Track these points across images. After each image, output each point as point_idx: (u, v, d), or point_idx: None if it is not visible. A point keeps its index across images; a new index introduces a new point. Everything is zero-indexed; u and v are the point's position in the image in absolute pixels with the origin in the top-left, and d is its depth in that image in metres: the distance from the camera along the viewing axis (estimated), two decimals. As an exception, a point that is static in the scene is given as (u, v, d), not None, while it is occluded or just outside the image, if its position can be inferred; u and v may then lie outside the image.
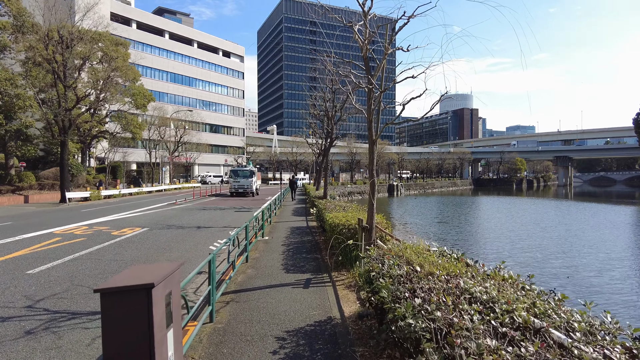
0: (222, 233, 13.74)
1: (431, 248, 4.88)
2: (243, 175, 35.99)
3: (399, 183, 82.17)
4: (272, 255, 9.27)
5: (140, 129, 41.51)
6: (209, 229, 14.89)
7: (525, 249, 21.03)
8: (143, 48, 74.24)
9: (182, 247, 11.15)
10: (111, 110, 39.26)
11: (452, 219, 38.77)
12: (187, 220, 17.63)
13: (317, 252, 9.50)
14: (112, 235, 13.09)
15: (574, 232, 27.46)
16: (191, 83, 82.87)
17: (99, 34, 34.35)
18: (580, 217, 37.99)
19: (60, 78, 26.97)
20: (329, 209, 10.32)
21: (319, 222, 13.86)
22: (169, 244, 11.50)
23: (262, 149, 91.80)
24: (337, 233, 7.56)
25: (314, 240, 11.33)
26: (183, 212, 21.34)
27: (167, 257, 9.77)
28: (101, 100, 30.48)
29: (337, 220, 7.83)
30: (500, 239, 24.90)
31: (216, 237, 12.94)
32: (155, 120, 54.23)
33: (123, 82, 38.35)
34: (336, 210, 10.18)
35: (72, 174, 35.06)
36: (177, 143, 58.42)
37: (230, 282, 6.82)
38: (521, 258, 18.50)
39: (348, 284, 6.55)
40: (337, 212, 9.52)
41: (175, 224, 16.27)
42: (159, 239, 12.37)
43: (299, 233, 13.02)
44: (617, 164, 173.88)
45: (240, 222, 16.84)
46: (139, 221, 16.97)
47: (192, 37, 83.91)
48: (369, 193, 6.92)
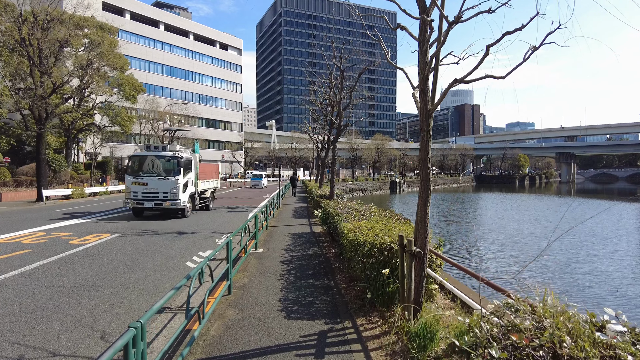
0: (206, 242, 11.19)
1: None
2: (157, 173, 16.15)
3: (401, 180, 79.97)
4: (267, 282, 6.69)
5: (129, 122, 38.84)
6: (191, 235, 12.33)
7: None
8: (137, 39, 71.41)
9: (150, 263, 8.59)
10: (98, 101, 36.56)
11: (460, 217, 36.35)
12: (169, 223, 15.07)
13: (328, 275, 6.93)
14: (69, 244, 10.52)
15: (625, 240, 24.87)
16: (187, 76, 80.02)
17: (83, 18, 31.68)
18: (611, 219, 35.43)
19: (35, 64, 24.33)
20: (342, 215, 7.74)
21: (325, 227, 11.32)
22: (134, 259, 8.93)
23: (261, 145, 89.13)
24: (364, 255, 5.01)
25: (322, 254, 8.78)
26: (168, 212, 18.76)
27: (124, 280, 7.22)
28: (84, 89, 27.74)
29: (362, 235, 5.25)
30: (533, 242, 22.44)
31: (199, 247, 10.39)
32: (150, 114, 51.54)
33: (110, 71, 35.65)
34: (353, 216, 7.58)
35: (54, 170, 32.46)
36: (172, 138, 55.72)
37: (195, 341, 4.27)
38: (565, 278, 15.99)
39: (387, 345, 3.94)
40: (356, 220, 6.92)
41: (155, 228, 13.70)
42: (125, 251, 9.81)
43: (301, 242, 10.47)
44: (618, 160, 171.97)
45: (231, 226, 14.28)
46: (112, 225, 14.39)
47: (189, 28, 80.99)
48: (420, 198, 4.37)
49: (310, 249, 9.52)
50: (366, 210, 8.50)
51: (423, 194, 4.30)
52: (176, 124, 56.03)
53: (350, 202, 11.28)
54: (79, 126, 35.69)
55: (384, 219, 6.93)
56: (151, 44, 73.90)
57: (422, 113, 4.24)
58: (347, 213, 8.03)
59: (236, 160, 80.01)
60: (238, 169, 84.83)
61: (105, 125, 38.34)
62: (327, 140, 21.75)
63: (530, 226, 28.97)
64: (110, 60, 32.86)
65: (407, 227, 5.86)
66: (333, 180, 14.63)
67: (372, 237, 5.24)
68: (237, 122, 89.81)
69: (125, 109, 41.01)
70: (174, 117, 55.98)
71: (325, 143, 24.22)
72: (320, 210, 13.44)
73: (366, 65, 13.24)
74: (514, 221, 32.01)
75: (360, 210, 8.50)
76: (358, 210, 8.51)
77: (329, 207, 9.84)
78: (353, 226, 6.05)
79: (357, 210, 8.55)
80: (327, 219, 10.16)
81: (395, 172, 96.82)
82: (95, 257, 9.12)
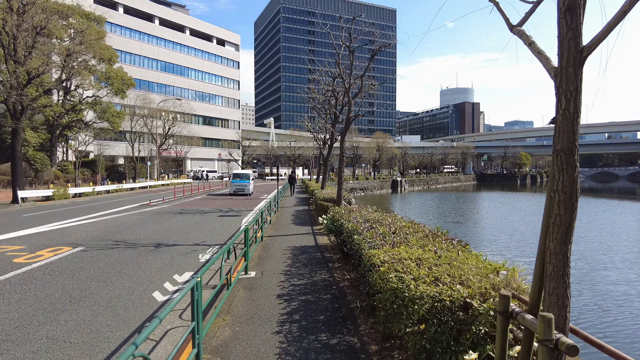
0: (186, 259, 9.03)
1: None
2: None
3: (402, 179, 78.01)
4: (257, 339, 4.49)
5: (119, 118, 36.57)
6: (171, 248, 10.17)
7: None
8: (131, 34, 69.19)
9: (106, 293, 6.42)
10: (85, 96, 34.30)
11: (468, 218, 34.30)
12: (149, 231, 12.90)
13: (348, 325, 4.60)
14: (11, 264, 8.33)
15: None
16: (183, 72, 77.73)
17: (67, 7, 29.41)
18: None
19: (9, 52, 22.09)
20: (363, 233, 5.47)
21: (333, 237, 9.18)
22: (87, 287, 6.77)
23: (259, 143, 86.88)
24: (422, 319, 2.88)
25: (334, 283, 6.53)
26: (151, 217, 16.58)
27: (55, 327, 5.06)
28: (65, 81, 25.51)
29: (411, 280, 3.05)
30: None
31: (175, 266, 8.24)
32: (144, 111, 49.26)
33: (97, 63, 33.40)
34: (378, 234, 5.33)
35: (36, 169, 30.24)
36: (165, 135, 53.48)
37: None
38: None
39: None
40: (387, 243, 4.70)
41: (128, 239, 11.52)
42: (81, 274, 7.64)
43: (305, 261, 8.24)
44: (619, 159, 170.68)
45: (220, 235, 12.11)
46: (78, 234, 12.20)
47: (184, 23, 78.66)
48: (555, 228, 2.20)
49: (317, 272, 7.33)
50: (393, 223, 6.29)
51: (563, 220, 2.16)
52: (170, 121, 53.81)
53: (363, 209, 9.12)
54: (65, 123, 33.42)
55: (429, 239, 4.79)
56: (145, 39, 71.62)
57: (567, 56, 2.08)
58: (369, 228, 5.88)
59: (233, 159, 77.75)
60: (235, 168, 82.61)
61: (92, 121, 36.04)
62: (331, 136, 19.62)
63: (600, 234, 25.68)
64: (96, 51, 30.63)
65: (478, 262, 3.71)
66: (341, 181, 12.38)
67: (430, 282, 3.12)
68: (234, 119, 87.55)
69: (113, 104, 38.71)
70: (168, 114, 53.66)
71: (327, 139, 22.08)
72: (326, 217, 11.30)
73: (380, 46, 11.13)
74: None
75: (384, 222, 6.29)
76: (381, 223, 6.32)
77: (341, 219, 7.58)
78: (390, 257, 3.90)
79: (379, 223, 6.36)
80: (337, 231, 7.99)
81: (396, 170, 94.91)
82: (36, 283, 6.95)
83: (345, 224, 6.94)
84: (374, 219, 7.09)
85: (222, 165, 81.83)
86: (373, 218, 7.10)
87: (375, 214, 7.98)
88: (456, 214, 38.08)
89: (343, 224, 6.97)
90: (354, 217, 7.57)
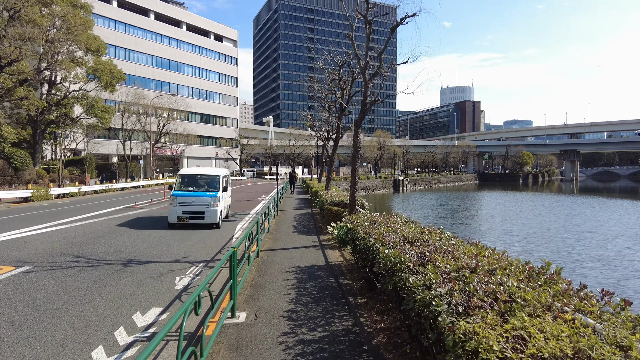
0: (158, 283, 6.86)
1: None
2: None
3: (404, 178, 76.04)
4: None
5: (108, 114, 34.31)
6: (143, 267, 8.00)
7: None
8: (125, 29, 66.94)
9: (17, 354, 4.29)
10: (72, 89, 32.07)
11: (477, 220, 32.28)
12: (123, 242, 10.72)
13: None
14: None
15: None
16: (179, 69, 75.49)
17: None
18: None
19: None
20: (414, 269, 3.32)
21: (355, 256, 7.04)
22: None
23: (258, 142, 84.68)
24: None
25: (364, 337, 4.28)
26: (130, 223, 14.39)
27: None
28: (45, 70, 23.29)
29: None
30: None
31: (140, 298, 6.08)
32: (138, 108, 47.04)
33: (84, 54, 31.19)
34: (443, 274, 3.23)
35: (15, 168, 28.04)
36: (160, 133, 51.28)
37: None
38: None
39: None
40: (499, 314, 2.60)
41: (93, 253, 9.34)
42: (2, 313, 5.49)
43: (316, 294, 5.93)
44: (619, 158, 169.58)
45: (207, 248, 9.95)
46: (34, 247, 10.01)
47: (181, 18, 76.44)
48: None
49: (334, 313, 5.05)
50: (450, 245, 4.05)
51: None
52: (165, 118, 51.59)
53: (390, 219, 6.94)
54: (49, 118, 31.20)
55: (547, 292, 2.65)
56: (141, 34, 69.41)
57: None
58: (419, 257, 3.73)
59: (231, 158, 75.60)
60: (233, 167, 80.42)
61: (80, 117, 33.81)
62: (337, 130, 17.47)
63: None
64: (82, 40, 28.42)
65: None
66: (355, 182, 10.08)
67: None
68: (232, 117, 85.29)
69: (103, 100, 36.47)
70: (162, 111, 51.40)
71: (331, 134, 19.94)
72: (337, 226, 9.16)
73: (402, 18, 9.01)
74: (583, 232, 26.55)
75: (433, 243, 4.10)
76: (429, 245, 4.15)
77: (367, 237, 5.33)
78: (511, 344, 1.82)
79: (427, 245, 4.20)
80: (360, 251, 5.81)
81: (396, 170, 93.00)
82: None
83: (375, 245, 4.76)
84: (415, 237, 4.93)
85: (219, 164, 79.59)
86: (415, 237, 4.93)
87: (412, 227, 5.81)
88: (464, 214, 36.13)
89: (374, 247, 4.79)
90: (383, 231, 5.42)
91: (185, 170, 14.70)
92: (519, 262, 3.60)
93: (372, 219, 6.90)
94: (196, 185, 13.69)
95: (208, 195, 13.02)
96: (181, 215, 12.77)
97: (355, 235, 6.12)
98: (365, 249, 5.21)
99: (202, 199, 12.94)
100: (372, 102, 9.58)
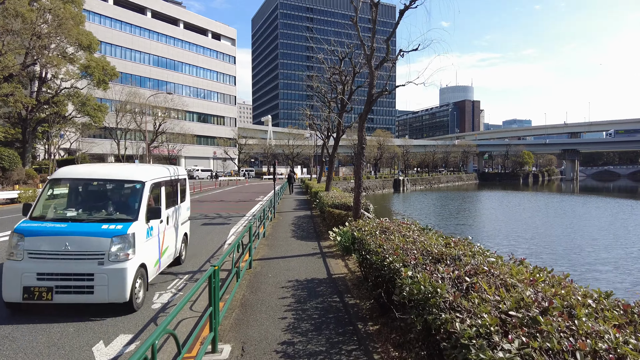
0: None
1: None
2: None
3: (404, 178, 75.14)
4: None
5: (100, 112, 33.28)
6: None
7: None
8: (121, 27, 65.90)
9: None
10: (63, 87, 31.05)
11: (480, 220, 31.35)
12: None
13: None
14: None
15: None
16: (177, 67, 74.43)
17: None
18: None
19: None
20: (458, 308, 2.42)
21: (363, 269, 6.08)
22: None
23: (256, 141, 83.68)
24: None
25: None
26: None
27: None
28: (31, 65, 22.31)
29: None
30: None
31: (108, 323, 5.11)
32: (135, 107, 46.02)
33: (75, 50, 30.17)
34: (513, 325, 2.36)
35: (3, 168, 27.03)
36: (156, 132, 50.22)
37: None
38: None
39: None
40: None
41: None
42: None
43: (317, 319, 4.96)
44: (619, 157, 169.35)
45: (195, 257, 8.94)
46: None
47: (178, 16, 75.38)
48: None
49: (340, 348, 4.05)
50: (490, 265, 3.04)
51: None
52: (161, 117, 50.54)
53: (402, 226, 5.98)
54: (39, 117, 30.17)
55: None
56: (137, 32, 68.37)
57: None
58: (455, 284, 2.79)
59: (229, 157, 74.58)
60: (231, 167, 79.42)
61: (71, 115, 32.77)
62: (338, 127, 16.52)
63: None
64: (73, 35, 27.41)
65: None
66: (360, 184, 9.05)
67: None
68: (230, 116, 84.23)
69: (95, 98, 35.43)
70: (158, 110, 50.36)
71: (332, 132, 18.98)
72: (339, 232, 8.20)
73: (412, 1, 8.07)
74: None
75: (467, 261, 3.14)
76: (465, 263, 3.16)
77: (383, 253, 4.23)
78: None
79: (459, 261, 3.24)
80: (372, 266, 4.83)
81: (396, 169, 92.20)
82: None
83: (394, 264, 3.76)
84: (440, 252, 3.96)
85: (217, 163, 78.61)
86: (440, 251, 3.96)
87: (432, 237, 4.84)
88: (467, 215, 35.23)
89: (392, 266, 3.76)
90: (400, 244, 4.46)
91: (67, 170, 7.02)
92: (599, 293, 2.63)
93: (382, 226, 5.93)
94: (87, 204, 6.60)
95: (106, 232, 5.57)
96: (35, 285, 5.33)
97: (365, 246, 5.14)
98: (379, 267, 4.22)
99: (89, 240, 5.49)
100: (379, 94, 8.61)
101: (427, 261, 3.68)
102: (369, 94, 8.61)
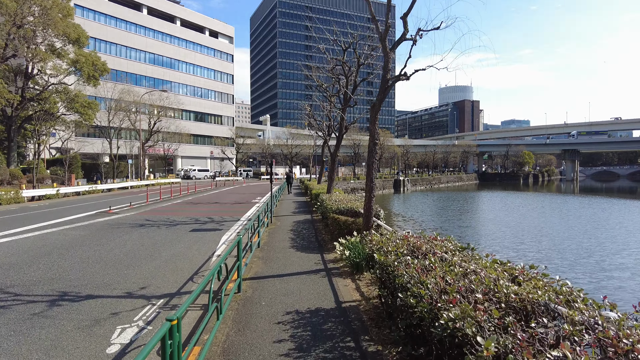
0: (83, 341, 4.48)
1: None
2: None
3: (404, 178, 73.80)
4: None
5: (91, 109, 31.80)
6: (76, 307, 5.59)
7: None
8: (116, 23, 64.41)
9: None
10: (51, 83, 29.59)
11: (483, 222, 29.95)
12: (71, 262, 8.29)
13: None
14: None
15: None
16: (173, 65, 72.96)
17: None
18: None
19: None
20: None
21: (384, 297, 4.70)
22: None
23: (254, 141, 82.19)
24: None
25: None
26: (95, 234, 11.95)
27: None
28: (9, 57, 20.84)
29: None
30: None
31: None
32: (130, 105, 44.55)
33: (63, 44, 28.72)
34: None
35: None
36: (151, 131, 48.79)
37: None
38: None
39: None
40: None
41: (18, 282, 6.90)
42: None
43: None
44: (618, 158, 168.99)
45: (180, 270, 7.52)
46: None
47: (175, 13, 73.90)
48: None
49: None
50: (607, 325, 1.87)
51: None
52: (156, 116, 49.11)
53: (433, 242, 4.60)
54: (25, 114, 28.71)
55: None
56: (132, 29, 66.86)
57: None
58: None
59: (227, 157, 73.10)
60: (229, 167, 77.96)
61: (60, 112, 31.29)
62: (340, 123, 15.13)
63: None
64: (59, 28, 25.96)
65: None
66: (372, 187, 7.60)
67: None
68: (228, 115, 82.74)
69: (86, 95, 33.93)
70: (153, 108, 48.91)
71: (333, 129, 17.59)
72: (346, 244, 6.80)
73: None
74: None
75: (577, 319, 1.89)
76: (562, 316, 1.93)
77: (430, 297, 2.75)
78: None
79: (551, 313, 2.00)
80: (406, 312, 3.44)
81: (395, 169, 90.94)
82: None
83: (460, 324, 2.38)
84: (517, 295, 2.57)
85: (214, 163, 77.16)
86: (515, 293, 2.57)
87: (492, 268, 3.45)
88: (469, 216, 34.00)
89: (457, 329, 2.38)
90: (442, 274, 3.08)
91: None
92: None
93: (409, 244, 4.51)
94: None
95: None
96: None
97: (394, 279, 3.69)
98: (423, 317, 2.77)
99: None
100: (395, 78, 7.22)
101: (511, 317, 2.27)
102: (383, 79, 7.20)
